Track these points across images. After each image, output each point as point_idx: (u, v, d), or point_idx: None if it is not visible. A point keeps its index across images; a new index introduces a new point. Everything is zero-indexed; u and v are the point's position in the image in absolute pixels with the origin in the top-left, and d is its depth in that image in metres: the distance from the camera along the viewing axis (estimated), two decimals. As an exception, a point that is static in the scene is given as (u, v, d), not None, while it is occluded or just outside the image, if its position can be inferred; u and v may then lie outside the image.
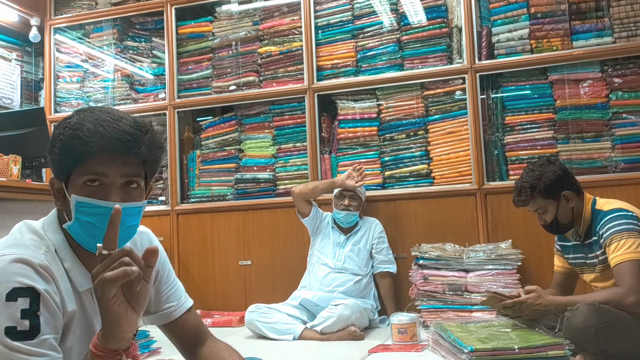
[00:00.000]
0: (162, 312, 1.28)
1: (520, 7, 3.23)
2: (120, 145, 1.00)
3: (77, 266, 1.05)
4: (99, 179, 1.01)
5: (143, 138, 1.03)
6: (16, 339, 0.90)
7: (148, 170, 1.08)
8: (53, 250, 1.03)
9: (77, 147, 0.99)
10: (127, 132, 1.01)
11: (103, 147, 0.99)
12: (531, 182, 2.17)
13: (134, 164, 1.03)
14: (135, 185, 1.05)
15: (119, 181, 1.02)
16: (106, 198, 1.01)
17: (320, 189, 3.20)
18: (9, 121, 3.12)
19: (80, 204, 1.01)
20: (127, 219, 1.02)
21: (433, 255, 2.93)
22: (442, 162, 3.34)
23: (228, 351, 1.30)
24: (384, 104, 3.49)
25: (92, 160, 1.00)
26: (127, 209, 1.01)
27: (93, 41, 4.15)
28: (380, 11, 3.52)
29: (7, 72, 3.94)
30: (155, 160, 1.08)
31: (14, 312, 0.91)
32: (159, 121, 3.92)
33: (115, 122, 1.01)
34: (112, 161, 1.00)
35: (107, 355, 0.93)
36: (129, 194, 1.04)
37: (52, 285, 0.98)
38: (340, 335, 2.68)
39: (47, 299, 0.95)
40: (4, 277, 0.92)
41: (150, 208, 3.78)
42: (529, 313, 2.12)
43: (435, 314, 2.82)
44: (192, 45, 3.92)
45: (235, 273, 3.58)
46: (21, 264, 0.94)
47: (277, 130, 3.69)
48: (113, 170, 1.01)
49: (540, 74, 3.24)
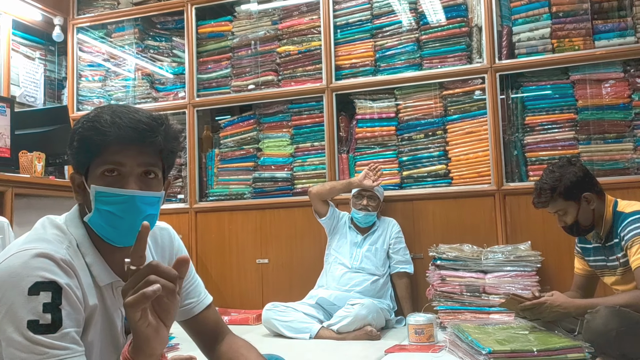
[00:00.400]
0: (182, 308, 1.28)
1: (542, 6, 3.20)
2: (136, 134, 1.01)
3: (98, 261, 1.06)
4: (116, 169, 1.02)
5: (159, 128, 1.04)
6: (38, 333, 0.90)
7: (165, 162, 1.09)
8: (75, 244, 1.05)
9: (95, 137, 1.01)
10: (142, 122, 1.02)
11: (119, 137, 1.00)
12: (551, 184, 2.15)
13: (151, 153, 1.04)
14: (153, 175, 1.06)
15: (136, 170, 1.03)
16: (124, 187, 1.02)
17: (338, 189, 3.20)
18: (33, 119, 3.18)
19: (99, 194, 1.02)
20: (145, 208, 1.04)
21: (451, 255, 2.91)
22: (460, 162, 3.32)
23: (246, 347, 1.31)
24: (402, 104, 3.48)
25: (109, 151, 1.01)
26: (145, 197, 1.03)
27: (115, 40, 4.21)
28: (399, 10, 3.51)
29: (31, 70, 4.01)
30: (172, 150, 1.09)
31: (36, 306, 0.92)
32: (179, 120, 3.95)
33: (131, 114, 1.03)
34: (129, 150, 1.02)
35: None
36: (147, 184, 1.05)
37: (73, 280, 0.99)
38: (356, 334, 2.68)
39: (69, 292, 0.96)
40: (26, 272, 0.93)
41: (169, 206, 3.83)
42: (548, 315, 2.10)
43: (453, 315, 2.81)
44: (211, 45, 3.95)
45: (253, 271, 3.60)
46: (43, 259, 0.96)
47: (295, 130, 3.70)
48: (130, 159, 1.02)
49: (561, 74, 3.20)
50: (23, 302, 0.91)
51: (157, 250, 1.23)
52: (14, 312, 0.91)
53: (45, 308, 0.92)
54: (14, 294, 0.92)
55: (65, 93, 4.24)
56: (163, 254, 1.24)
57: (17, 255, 0.96)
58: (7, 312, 0.91)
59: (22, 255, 0.95)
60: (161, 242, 1.24)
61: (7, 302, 0.92)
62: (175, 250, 1.27)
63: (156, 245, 1.23)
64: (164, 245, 1.25)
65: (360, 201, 3.12)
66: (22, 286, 0.92)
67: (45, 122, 3.17)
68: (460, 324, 2.33)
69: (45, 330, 0.91)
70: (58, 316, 0.93)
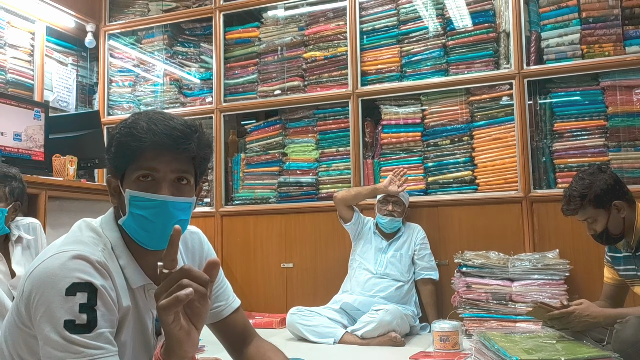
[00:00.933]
0: (211, 311, 1.29)
1: (571, 11, 3.16)
2: (170, 141, 1.04)
3: (131, 263, 1.09)
4: (151, 174, 1.05)
5: (192, 136, 1.06)
6: (74, 332, 0.93)
7: (197, 168, 1.11)
8: (110, 247, 1.07)
9: (131, 143, 1.04)
10: (177, 129, 1.05)
11: (155, 143, 1.03)
12: (581, 191, 2.12)
13: (184, 160, 1.06)
14: (185, 181, 1.08)
15: (169, 176, 1.05)
16: (157, 192, 1.04)
17: (363, 195, 3.20)
18: (66, 123, 3.27)
19: (133, 198, 1.05)
20: (177, 213, 1.06)
21: (477, 262, 2.89)
22: (487, 168, 3.29)
23: (273, 351, 1.32)
24: (428, 109, 3.47)
25: (145, 156, 1.04)
26: (177, 203, 1.05)
27: (144, 46, 4.30)
28: (425, 16, 3.51)
29: (64, 76, 4.12)
30: (204, 158, 1.11)
31: (73, 306, 0.94)
32: (206, 124, 4.02)
33: (167, 121, 1.06)
34: (163, 156, 1.04)
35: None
36: (180, 190, 1.07)
37: (108, 281, 1.02)
38: (380, 340, 2.68)
39: (104, 294, 0.99)
40: (64, 273, 0.96)
41: (195, 209, 3.87)
42: (576, 324, 2.06)
43: (478, 322, 2.78)
44: (238, 51, 4.00)
45: (277, 275, 3.62)
46: (80, 260, 0.98)
47: (321, 135, 3.72)
48: (164, 165, 1.04)
49: (591, 80, 3.15)
50: (60, 302, 0.94)
51: (187, 254, 1.25)
52: (51, 312, 0.94)
53: (81, 308, 0.95)
54: (52, 294, 0.95)
55: (96, 98, 4.34)
56: (193, 257, 1.26)
57: (55, 257, 0.99)
58: (45, 312, 0.95)
59: (60, 257, 0.98)
60: (191, 246, 1.26)
61: (46, 302, 0.95)
62: (205, 254, 1.29)
63: (187, 249, 1.25)
64: (194, 249, 1.27)
65: (385, 206, 3.12)
66: (60, 287, 0.95)
67: (77, 127, 3.26)
68: (486, 331, 2.30)
69: (81, 330, 0.94)
70: (93, 316, 0.96)
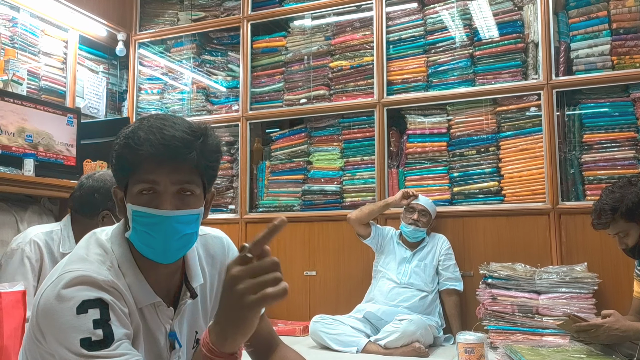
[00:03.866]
0: None
1: (602, 22, 3.13)
2: (167, 151, 0.98)
3: (137, 282, 1.04)
4: (152, 187, 0.99)
5: (194, 143, 1.00)
6: (93, 349, 0.90)
7: (204, 176, 1.04)
8: (116, 265, 1.03)
9: (128, 156, 0.99)
10: (176, 138, 0.98)
11: (152, 155, 0.97)
12: (612, 204, 2.09)
13: (186, 170, 1.00)
14: (190, 192, 1.02)
15: (171, 189, 1.00)
16: (159, 207, 0.99)
17: (376, 211, 3.18)
18: (97, 129, 3.34)
19: (135, 213, 1.00)
20: (181, 228, 1.00)
21: (502, 274, 2.85)
22: (513, 179, 3.26)
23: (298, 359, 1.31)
24: (454, 119, 3.46)
25: (143, 169, 0.99)
26: (180, 217, 1.00)
27: (173, 55, 4.37)
28: (452, 27, 3.50)
29: (95, 83, 4.21)
30: (209, 166, 1.04)
31: (86, 323, 0.92)
32: (231, 132, 4.06)
33: (166, 129, 0.99)
34: (162, 168, 0.98)
35: (224, 357, 0.89)
36: (184, 202, 1.01)
37: (120, 300, 0.99)
38: (404, 351, 2.66)
39: (116, 308, 0.96)
40: (71, 293, 0.93)
41: (220, 216, 3.92)
42: (605, 338, 2.03)
43: (504, 335, 2.74)
44: (265, 59, 4.04)
45: (300, 283, 3.63)
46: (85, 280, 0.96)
47: (346, 144, 3.73)
48: (163, 177, 0.99)
49: (621, 91, 3.11)
50: (73, 322, 0.92)
51: (207, 258, 1.21)
52: (65, 335, 0.92)
53: (95, 324, 0.92)
54: (62, 317, 0.93)
55: (125, 105, 4.43)
56: (213, 263, 1.22)
57: (61, 278, 0.96)
58: (57, 337, 0.93)
59: (65, 277, 0.96)
60: (212, 251, 1.22)
61: (57, 326, 0.93)
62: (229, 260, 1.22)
63: (207, 254, 1.21)
64: (215, 254, 1.22)
65: (411, 215, 3.11)
66: (70, 306, 0.93)
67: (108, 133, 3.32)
68: (513, 344, 2.28)
69: (99, 347, 0.91)
70: (109, 331, 0.93)
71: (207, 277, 1.19)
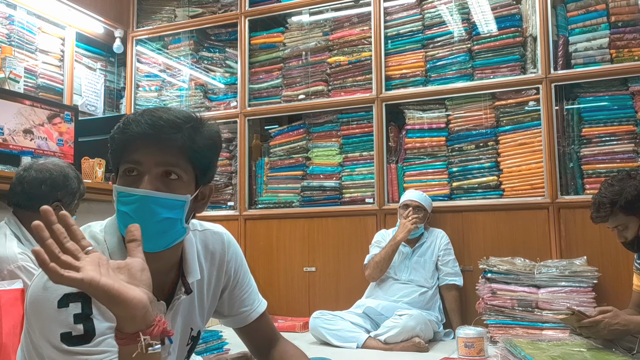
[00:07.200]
0: (237, 316, 1.28)
1: (600, 15, 3.12)
2: (153, 131, 0.96)
3: None
4: (135, 168, 0.98)
5: (182, 126, 0.98)
6: (73, 345, 0.89)
7: (195, 162, 1.01)
8: (108, 255, 1.01)
9: (118, 137, 0.99)
10: (163, 119, 0.97)
11: (137, 134, 0.97)
12: (611, 198, 2.08)
13: (172, 152, 0.98)
14: (175, 176, 0.99)
15: (154, 170, 0.97)
16: (139, 187, 0.97)
17: (390, 254, 3.02)
18: (95, 127, 3.32)
19: (117, 194, 0.99)
20: (159, 210, 0.97)
21: (502, 269, 2.85)
22: (512, 174, 3.26)
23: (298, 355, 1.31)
24: (453, 114, 3.45)
25: (129, 149, 0.98)
26: (159, 199, 0.96)
27: (171, 52, 4.36)
28: (450, 21, 3.49)
29: (93, 81, 4.20)
30: (199, 152, 1.01)
31: (67, 318, 0.90)
32: (230, 129, 4.06)
33: (157, 112, 0.99)
34: (147, 148, 0.97)
35: (127, 338, 0.82)
36: (168, 185, 0.98)
37: None
38: (404, 346, 2.66)
39: None
40: (54, 286, 0.89)
41: (219, 213, 3.92)
42: (606, 333, 2.03)
43: (504, 329, 2.74)
44: (263, 56, 4.03)
45: (300, 279, 3.63)
46: None
47: (344, 139, 3.72)
48: (147, 157, 0.97)
49: (620, 85, 3.10)
50: (54, 315, 0.90)
51: (206, 254, 1.19)
52: (47, 328, 0.91)
53: (76, 319, 0.90)
54: (45, 309, 0.91)
55: (123, 102, 4.42)
56: (212, 260, 1.20)
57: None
58: (41, 329, 0.92)
59: None
60: (212, 247, 1.20)
61: (41, 318, 0.92)
62: (229, 256, 1.23)
63: (206, 250, 1.19)
64: (214, 251, 1.21)
65: (406, 212, 3.10)
66: (52, 300, 0.91)
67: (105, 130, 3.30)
68: (513, 338, 2.28)
69: (78, 342, 0.90)
70: (90, 326, 0.91)
71: (204, 273, 1.18)
